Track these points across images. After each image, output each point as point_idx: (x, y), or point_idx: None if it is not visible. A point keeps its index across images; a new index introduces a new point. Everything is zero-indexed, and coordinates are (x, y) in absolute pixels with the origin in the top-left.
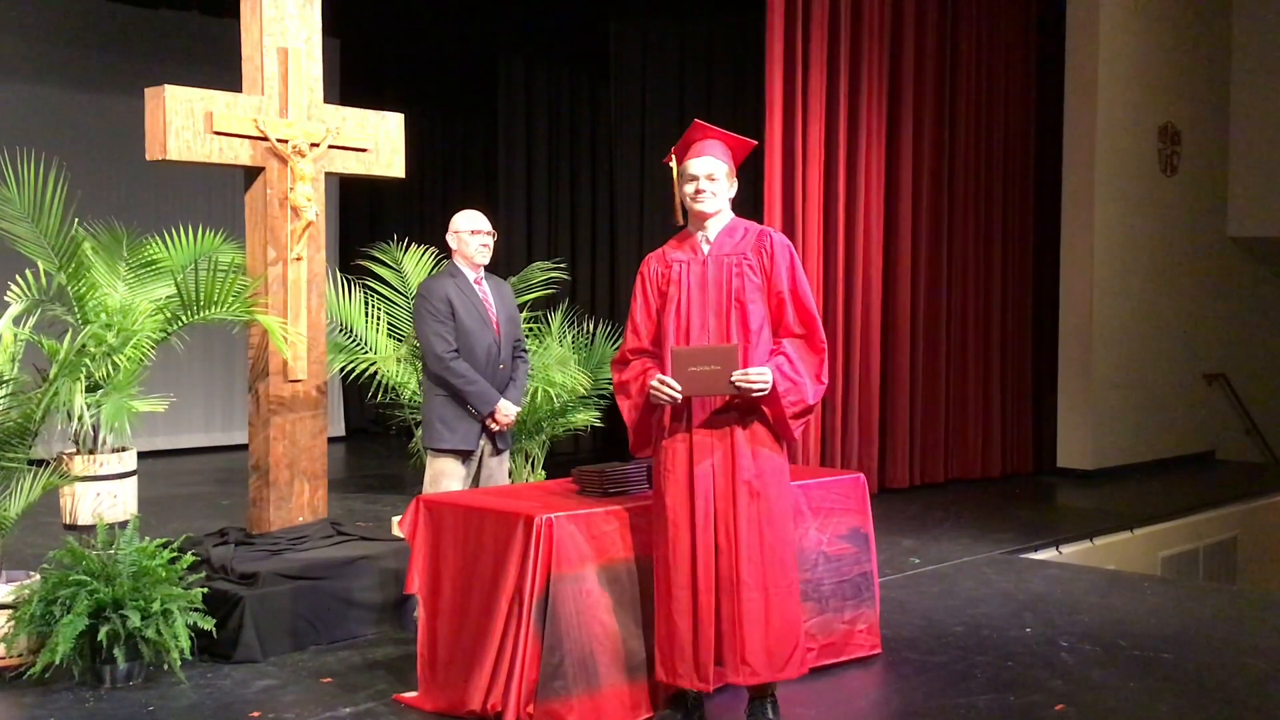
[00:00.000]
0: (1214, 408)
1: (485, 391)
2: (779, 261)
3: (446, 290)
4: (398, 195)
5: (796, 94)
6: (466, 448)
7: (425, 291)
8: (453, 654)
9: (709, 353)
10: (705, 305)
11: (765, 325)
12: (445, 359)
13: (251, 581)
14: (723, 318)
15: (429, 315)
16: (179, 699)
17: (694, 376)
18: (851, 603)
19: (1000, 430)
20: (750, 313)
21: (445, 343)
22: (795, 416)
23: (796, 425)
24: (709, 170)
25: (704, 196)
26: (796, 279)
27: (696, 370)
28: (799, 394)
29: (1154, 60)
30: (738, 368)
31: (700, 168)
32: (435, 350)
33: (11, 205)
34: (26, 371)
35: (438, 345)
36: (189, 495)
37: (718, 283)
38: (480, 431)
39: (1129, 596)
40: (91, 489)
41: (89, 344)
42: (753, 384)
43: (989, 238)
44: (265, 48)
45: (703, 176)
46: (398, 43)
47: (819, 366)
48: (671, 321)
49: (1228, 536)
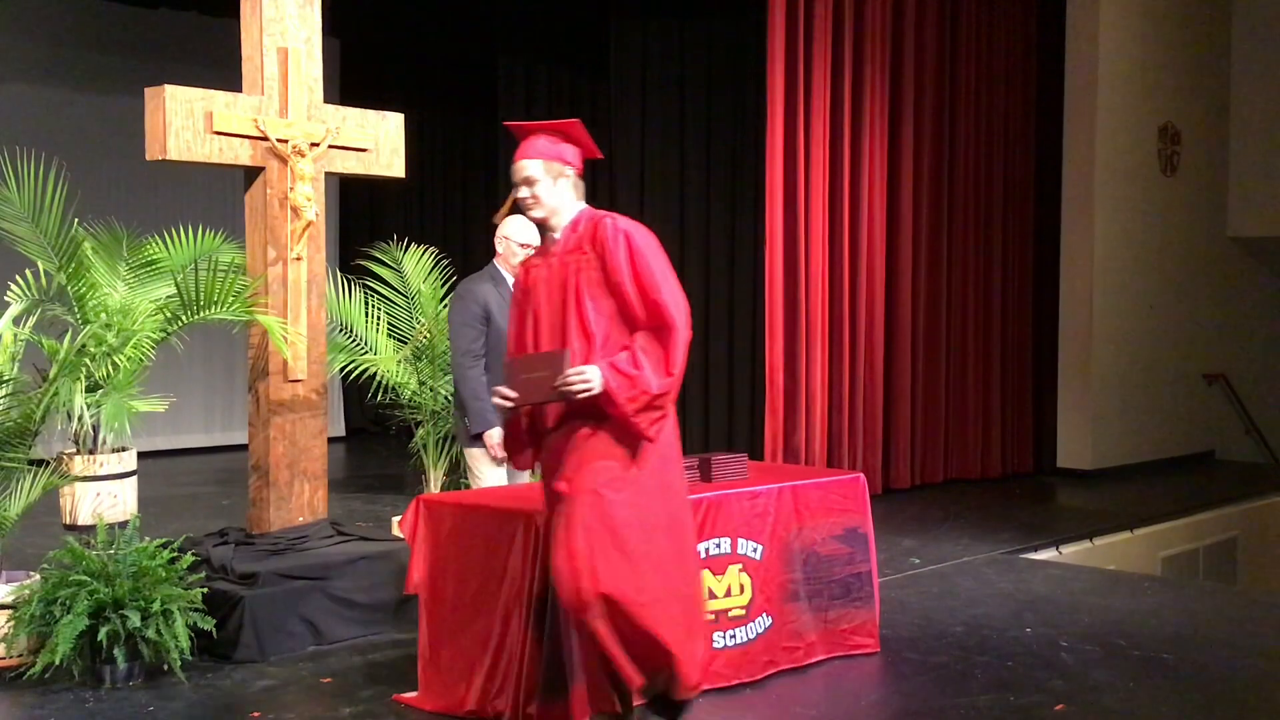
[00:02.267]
0: (1214, 408)
1: (485, 413)
2: (611, 250)
3: (486, 295)
4: (397, 195)
5: (798, 94)
6: None
7: (464, 292)
8: (453, 654)
9: (538, 360)
10: (552, 307)
11: (614, 320)
12: (464, 364)
13: (251, 582)
14: (560, 317)
15: (461, 315)
16: (179, 699)
17: (526, 384)
18: (839, 602)
19: (1000, 430)
20: (589, 309)
21: (470, 347)
22: (640, 411)
23: (646, 421)
24: (525, 175)
25: (529, 203)
26: (638, 265)
27: (528, 378)
28: (636, 388)
29: (1154, 60)
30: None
31: (517, 174)
32: (458, 351)
33: (11, 205)
34: (26, 371)
35: (461, 346)
36: (189, 495)
37: (561, 282)
38: None
39: (1129, 597)
40: (91, 489)
41: (89, 344)
42: (572, 386)
43: (989, 238)
44: (265, 48)
45: (521, 183)
46: (398, 43)
47: (665, 356)
48: (529, 327)
49: (1228, 537)
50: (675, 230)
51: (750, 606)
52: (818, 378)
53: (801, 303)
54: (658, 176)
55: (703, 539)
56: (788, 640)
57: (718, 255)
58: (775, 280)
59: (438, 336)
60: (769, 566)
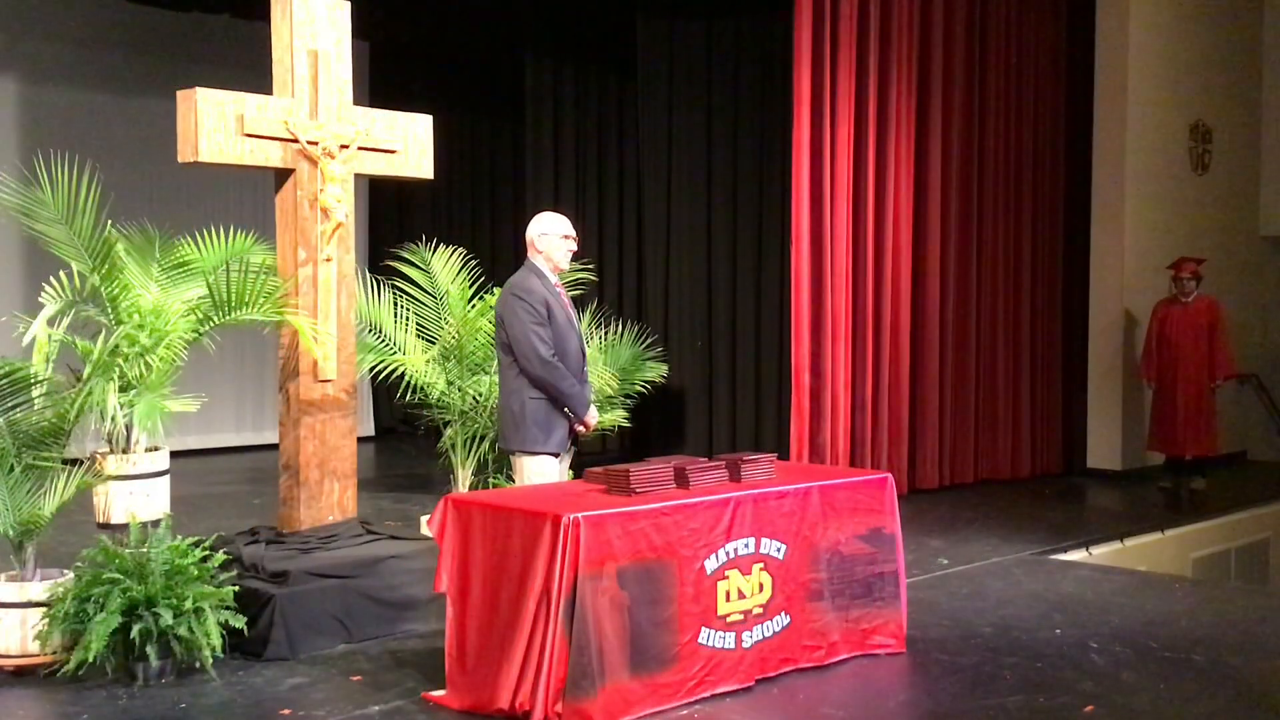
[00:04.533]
0: (1245, 408)
1: (583, 395)
2: None
3: (544, 292)
4: (426, 196)
5: (824, 93)
6: (562, 450)
7: (522, 292)
8: (481, 653)
9: None
10: None
11: None
12: (552, 361)
13: (282, 580)
14: None
15: (529, 316)
16: (210, 696)
17: None
18: (860, 602)
19: (1030, 430)
20: None
21: (547, 346)
22: None
23: None
24: None
25: None
26: None
27: None
28: None
29: (1184, 58)
30: None
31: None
32: (540, 354)
33: (46, 208)
34: (61, 372)
35: (542, 349)
36: (220, 494)
37: None
38: (569, 432)
39: (1160, 598)
40: (125, 488)
41: (122, 344)
42: None
43: (1019, 237)
44: (295, 50)
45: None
46: (426, 45)
47: None
48: None
49: (1260, 537)
50: (701, 229)
51: (769, 605)
52: (842, 377)
53: (827, 302)
54: (684, 176)
55: (730, 539)
56: (808, 639)
57: (744, 255)
58: (801, 280)
59: (466, 337)
60: (792, 566)
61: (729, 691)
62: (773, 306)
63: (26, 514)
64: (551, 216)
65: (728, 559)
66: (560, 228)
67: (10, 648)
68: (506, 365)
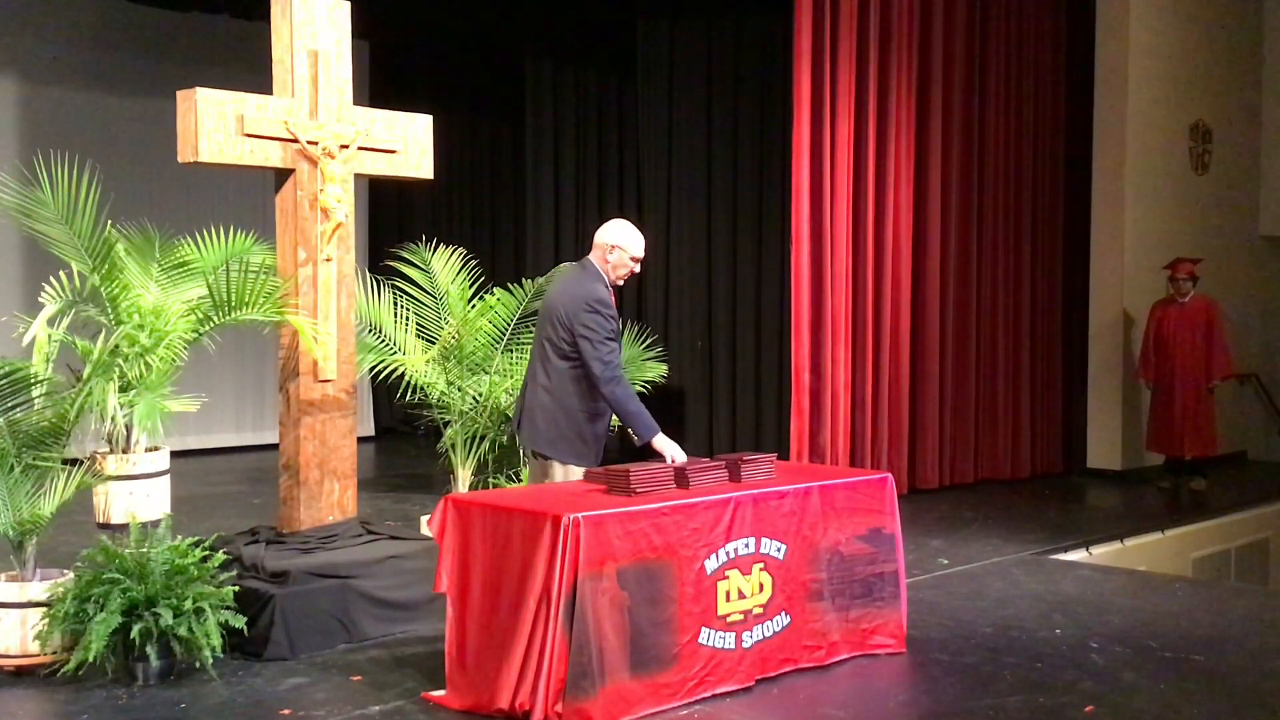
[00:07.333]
0: (1245, 408)
1: (646, 415)
2: None
3: (612, 305)
4: (426, 196)
5: (824, 92)
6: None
7: (598, 304)
8: (481, 653)
9: None
10: None
11: None
12: (620, 378)
13: (282, 580)
14: None
15: (606, 332)
16: (210, 696)
17: None
18: (860, 602)
19: (1030, 430)
20: None
21: (618, 361)
22: None
23: None
24: None
25: None
26: None
27: None
28: None
29: (1185, 57)
30: None
31: None
32: (617, 373)
33: (46, 208)
34: (60, 372)
35: (613, 360)
36: (220, 494)
37: None
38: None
39: (1160, 598)
40: (125, 488)
41: (122, 344)
42: None
43: (1019, 237)
44: (295, 50)
45: None
46: (426, 45)
47: None
48: None
49: (1259, 537)
50: (701, 229)
51: (769, 605)
52: (842, 377)
53: (827, 302)
54: (684, 176)
55: (730, 539)
56: (808, 639)
57: (744, 254)
58: (801, 279)
59: (466, 337)
60: (792, 566)
61: (729, 691)
62: (773, 306)
63: (26, 514)
64: (634, 234)
65: (728, 559)
66: (638, 249)
67: (10, 648)
68: (563, 371)
